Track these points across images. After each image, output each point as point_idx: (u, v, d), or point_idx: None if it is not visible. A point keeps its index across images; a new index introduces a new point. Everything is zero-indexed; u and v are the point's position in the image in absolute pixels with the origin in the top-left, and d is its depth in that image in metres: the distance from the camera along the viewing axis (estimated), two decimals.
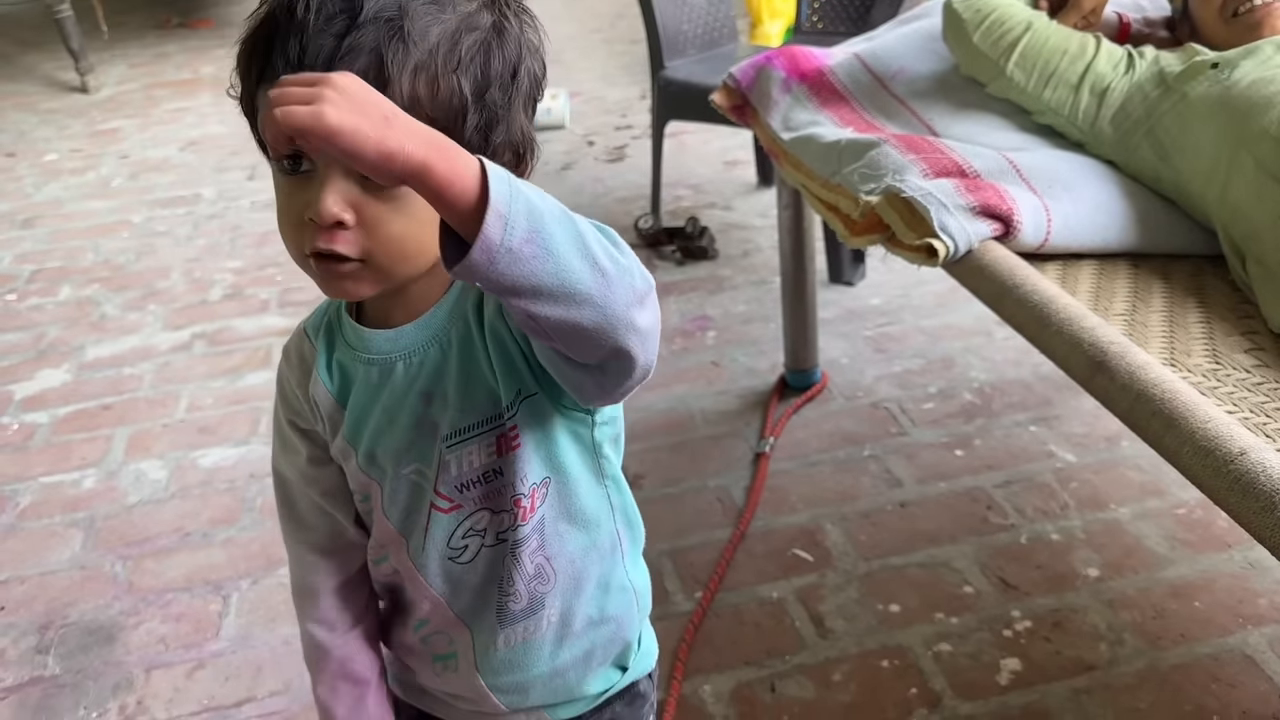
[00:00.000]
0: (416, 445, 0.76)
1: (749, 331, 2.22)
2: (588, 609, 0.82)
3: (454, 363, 0.73)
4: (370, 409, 0.76)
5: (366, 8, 0.62)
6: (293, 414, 0.81)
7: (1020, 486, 1.69)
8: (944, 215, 1.16)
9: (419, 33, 0.63)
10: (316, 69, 0.60)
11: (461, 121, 0.65)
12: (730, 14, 2.64)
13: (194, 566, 1.66)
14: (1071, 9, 1.43)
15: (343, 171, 0.63)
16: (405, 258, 0.67)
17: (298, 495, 0.84)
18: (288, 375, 0.81)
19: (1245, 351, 1.04)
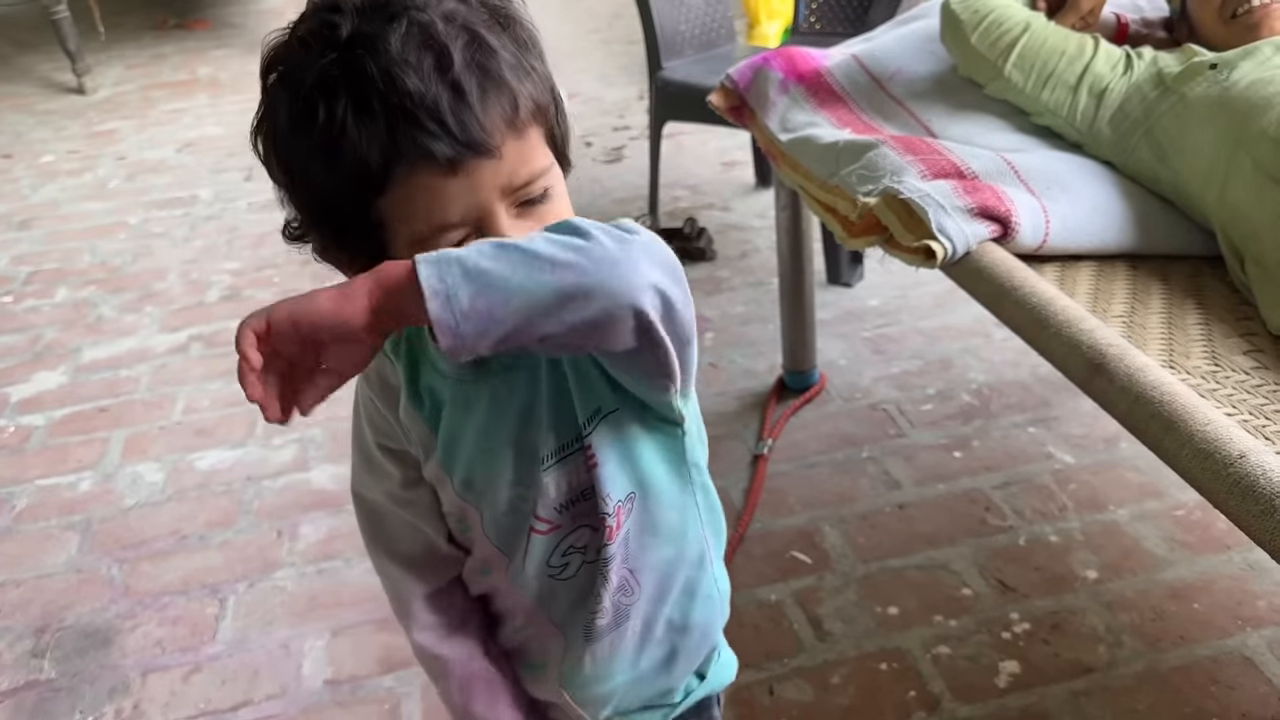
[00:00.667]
0: (515, 469, 0.74)
1: (747, 333, 2.21)
2: (670, 614, 0.82)
3: (544, 383, 0.72)
4: (464, 434, 0.74)
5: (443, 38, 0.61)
6: (382, 436, 0.78)
7: (1019, 488, 1.69)
8: (942, 217, 1.15)
9: (496, 45, 0.63)
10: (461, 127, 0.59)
11: (551, 105, 0.67)
12: (728, 15, 2.64)
13: (191, 569, 1.66)
14: (1070, 9, 1.43)
15: (506, 212, 0.64)
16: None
17: (386, 514, 0.81)
18: (371, 396, 0.78)
19: (1244, 353, 1.03)
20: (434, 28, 0.60)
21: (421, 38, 0.60)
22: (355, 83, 0.59)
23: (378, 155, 0.59)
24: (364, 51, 0.59)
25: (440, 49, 0.60)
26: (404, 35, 0.60)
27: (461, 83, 0.60)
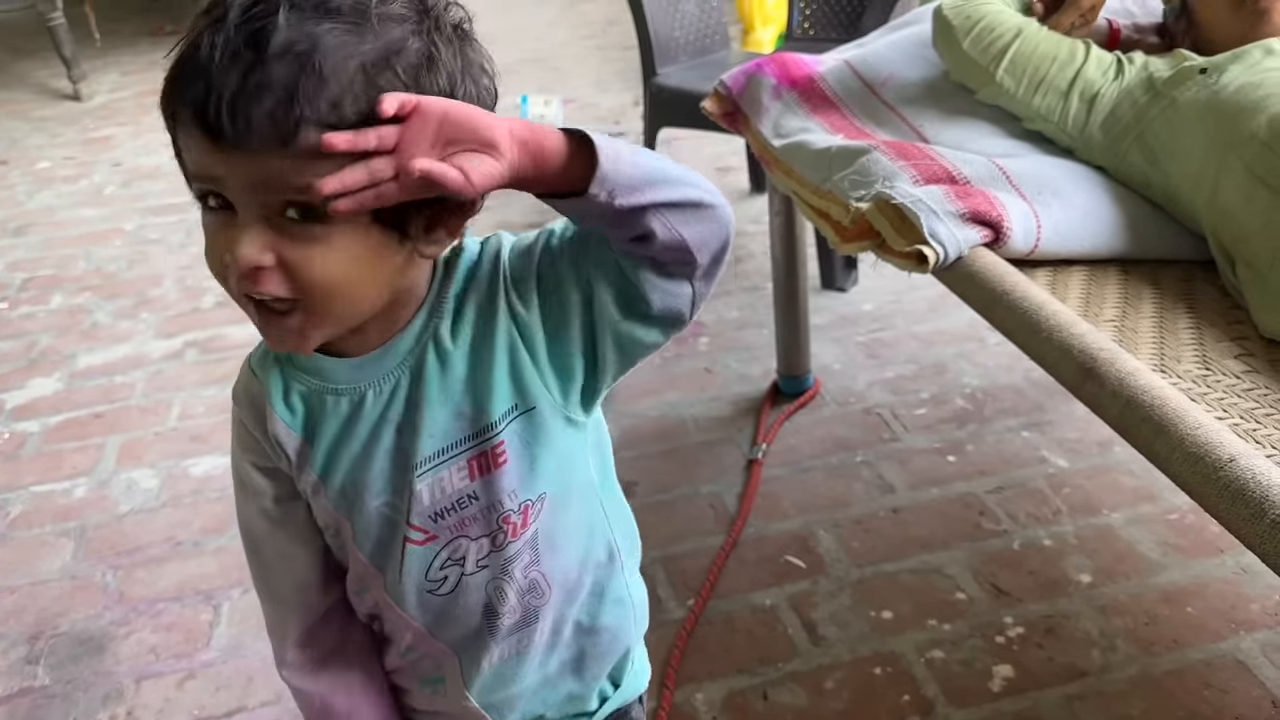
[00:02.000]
0: (387, 476, 0.73)
1: (742, 337, 2.22)
2: (579, 616, 0.82)
3: (430, 386, 0.71)
4: (344, 442, 0.73)
5: (274, 42, 0.57)
6: (252, 455, 0.77)
7: (1013, 492, 1.69)
8: (934, 222, 1.16)
9: (334, 66, 0.57)
10: (221, 108, 0.57)
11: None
12: (722, 21, 2.65)
13: (185, 576, 1.66)
14: (1069, 8, 1.43)
15: (262, 214, 0.60)
16: (339, 297, 0.63)
17: (262, 540, 0.80)
18: (241, 417, 0.76)
19: (1235, 357, 1.04)
20: (275, 22, 0.57)
21: (257, 28, 0.57)
22: (197, 29, 0.60)
23: (172, 88, 0.60)
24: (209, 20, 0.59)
25: (261, 42, 0.57)
26: (248, 14, 0.58)
27: (249, 79, 0.57)
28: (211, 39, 0.58)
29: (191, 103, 0.58)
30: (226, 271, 0.62)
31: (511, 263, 0.71)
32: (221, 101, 0.57)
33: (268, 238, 0.60)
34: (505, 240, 0.73)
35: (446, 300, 0.71)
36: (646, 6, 2.42)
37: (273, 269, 0.61)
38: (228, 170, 0.59)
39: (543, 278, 0.70)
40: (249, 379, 0.76)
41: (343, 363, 0.71)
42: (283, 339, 0.65)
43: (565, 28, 4.74)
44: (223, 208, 0.61)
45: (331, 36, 0.58)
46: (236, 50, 0.57)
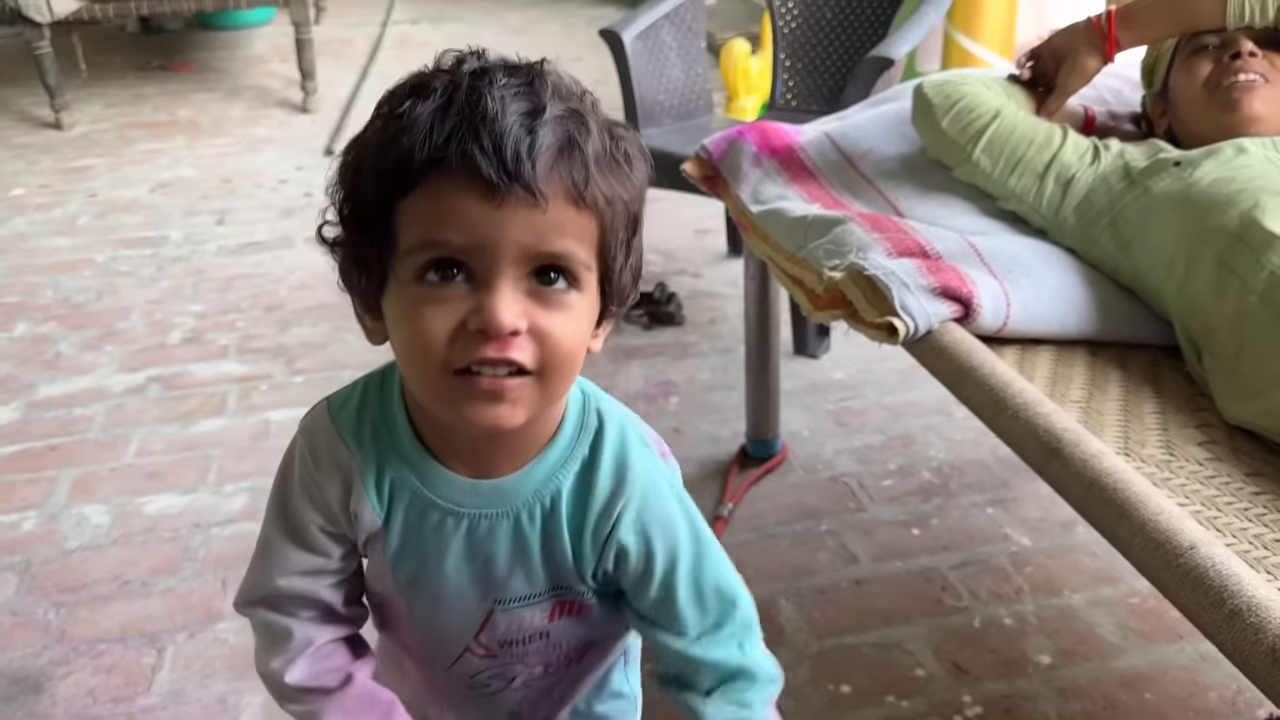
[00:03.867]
0: (466, 595, 0.72)
1: (712, 399, 2.21)
2: (579, 703, 0.85)
3: (532, 542, 0.70)
4: (429, 550, 0.72)
5: (548, 103, 0.59)
6: (321, 519, 0.73)
7: (975, 569, 1.69)
8: (905, 294, 1.16)
9: (594, 129, 0.61)
10: (521, 159, 0.57)
11: (622, 232, 0.64)
12: (707, 87, 2.68)
13: (130, 617, 1.61)
14: (1058, 94, 1.46)
15: (514, 278, 0.60)
16: (570, 369, 0.64)
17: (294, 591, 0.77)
18: (318, 479, 0.72)
19: (1199, 444, 1.04)
20: (543, 93, 0.60)
21: (527, 91, 0.59)
22: (447, 93, 0.59)
23: (425, 152, 0.58)
24: (472, 78, 0.59)
25: (539, 105, 0.59)
26: (514, 83, 0.59)
27: (539, 128, 0.58)
28: (482, 93, 0.58)
29: (474, 150, 0.56)
30: (457, 343, 0.59)
31: (625, 563, 0.72)
32: (520, 150, 0.57)
33: (523, 303, 0.60)
34: (636, 489, 0.72)
35: (577, 461, 0.71)
36: (633, 69, 2.45)
37: (525, 336, 0.60)
38: (501, 228, 0.58)
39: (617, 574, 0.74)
40: (335, 442, 0.71)
41: (458, 482, 0.70)
42: (509, 413, 0.62)
43: None
44: (447, 279, 0.59)
45: (587, 111, 0.62)
46: (514, 102, 0.58)
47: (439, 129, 0.57)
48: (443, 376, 0.60)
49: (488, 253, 0.58)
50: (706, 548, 0.74)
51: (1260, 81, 1.32)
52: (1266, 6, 1.32)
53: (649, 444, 0.73)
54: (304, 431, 0.73)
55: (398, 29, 5.97)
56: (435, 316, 0.59)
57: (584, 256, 0.62)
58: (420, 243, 0.59)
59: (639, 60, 2.47)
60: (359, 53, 5.38)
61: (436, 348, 0.60)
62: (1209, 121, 1.33)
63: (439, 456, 0.69)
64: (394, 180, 0.59)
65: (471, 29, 5.97)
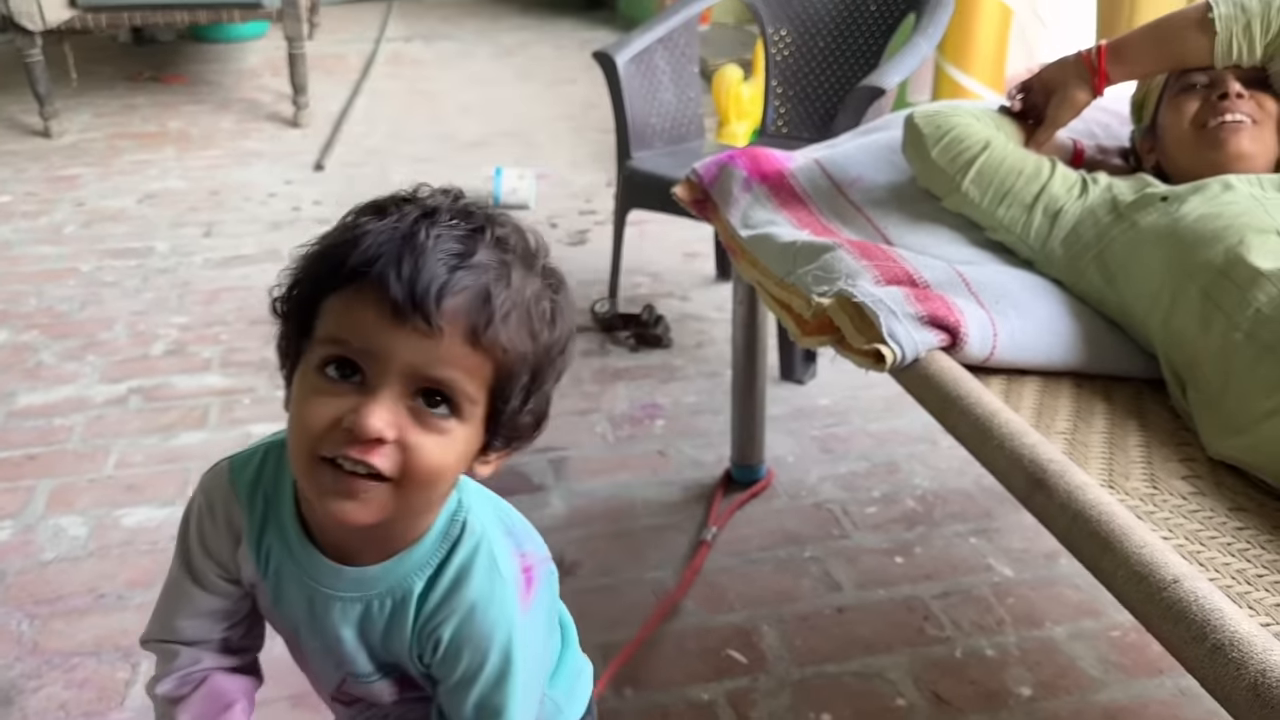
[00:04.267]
0: (324, 660, 0.83)
1: (697, 423, 2.21)
2: None
3: (377, 630, 0.78)
4: (287, 608, 0.80)
5: (481, 252, 0.66)
6: (218, 567, 0.83)
7: (958, 598, 1.68)
8: (892, 322, 1.17)
9: (516, 286, 0.68)
10: (429, 290, 0.64)
11: (520, 378, 0.70)
12: (698, 112, 2.69)
13: (105, 630, 1.59)
14: (1048, 125, 1.47)
15: (399, 392, 0.66)
16: (430, 486, 0.70)
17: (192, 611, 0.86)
18: (212, 532, 0.81)
19: (1182, 478, 1.04)
20: (480, 241, 0.67)
21: (465, 237, 0.67)
22: (395, 219, 0.67)
23: (355, 262, 0.65)
24: (423, 213, 0.67)
25: (469, 251, 0.66)
26: (457, 226, 0.67)
27: (458, 271, 0.65)
28: (421, 228, 0.65)
29: (390, 275, 0.64)
30: (330, 434, 0.66)
31: (436, 655, 0.78)
32: (431, 285, 0.64)
33: (398, 416, 0.66)
34: (474, 611, 0.77)
35: (432, 566, 0.77)
36: (626, 92, 2.46)
37: (391, 445, 0.66)
38: (395, 346, 0.65)
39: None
40: (229, 501, 0.80)
41: (324, 564, 0.77)
42: (357, 510, 0.67)
43: (545, 106, 4.81)
44: (344, 378, 0.66)
45: (516, 269, 0.69)
46: (449, 244, 0.65)
47: (374, 246, 0.65)
48: (309, 460, 0.67)
49: (379, 363, 0.65)
50: (509, 680, 0.78)
51: (1247, 122, 1.33)
52: (1254, 46, 1.33)
53: (499, 567, 0.78)
54: (203, 489, 0.82)
55: (391, 46, 5.99)
56: (321, 405, 0.66)
57: (470, 391, 0.68)
58: (327, 337, 0.67)
59: (632, 83, 2.48)
60: (351, 69, 5.39)
61: (312, 433, 0.66)
62: (1197, 158, 1.34)
63: (315, 535, 0.77)
64: (326, 278, 0.67)
65: (464, 48, 5.99)
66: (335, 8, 6.87)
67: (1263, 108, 1.35)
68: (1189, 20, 1.37)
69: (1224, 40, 1.34)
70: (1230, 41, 1.34)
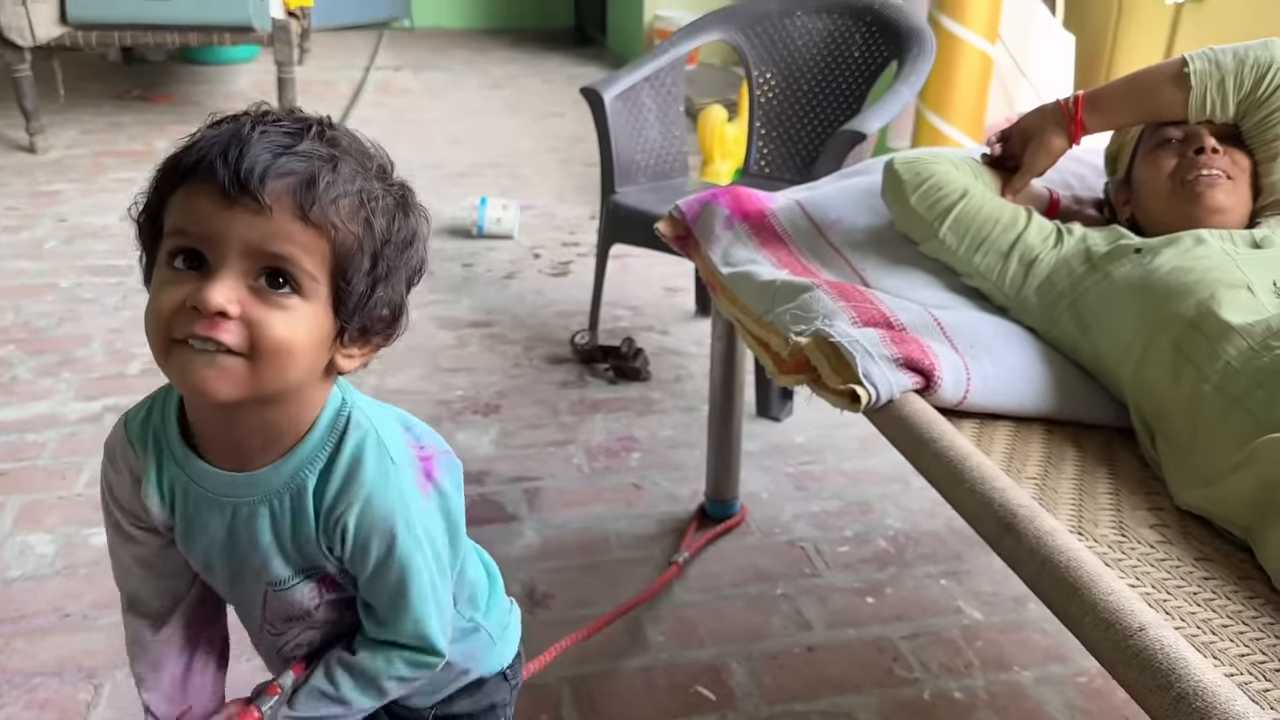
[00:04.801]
0: (245, 578, 0.85)
1: (673, 456, 2.22)
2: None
3: (284, 528, 0.81)
4: (197, 532, 0.83)
5: (306, 143, 0.71)
6: (132, 518, 0.87)
7: (927, 640, 1.69)
8: (868, 363, 1.18)
9: (346, 175, 0.72)
10: (254, 171, 0.68)
11: (359, 261, 0.74)
12: (683, 149, 2.72)
13: (69, 650, 1.57)
14: (1024, 172, 1.50)
15: (240, 271, 0.70)
16: (284, 365, 0.72)
17: (137, 576, 0.91)
18: (117, 481, 0.85)
19: (1150, 526, 1.06)
20: (306, 136, 0.72)
21: (292, 132, 0.72)
22: (229, 125, 0.72)
23: (189, 161, 0.71)
24: (256, 117, 0.73)
25: (294, 145, 0.71)
26: (284, 125, 0.72)
27: (281, 156, 0.70)
28: (249, 126, 0.70)
29: (218, 162, 0.68)
30: (178, 317, 0.69)
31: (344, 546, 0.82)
32: (255, 167, 0.68)
33: (241, 294, 0.70)
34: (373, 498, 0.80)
35: (322, 459, 0.80)
36: (612, 128, 2.48)
37: (235, 321, 0.69)
38: (229, 228, 0.69)
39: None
40: (126, 448, 0.84)
41: (218, 474, 0.80)
42: (214, 379, 0.70)
43: (532, 138, 4.84)
44: (190, 268, 0.70)
45: (346, 162, 0.73)
46: (276, 138, 0.70)
47: (205, 145, 0.71)
48: (164, 346, 0.71)
49: (216, 245, 0.70)
50: (413, 564, 0.83)
51: (1223, 177, 1.36)
52: (1228, 102, 1.37)
53: (390, 454, 0.81)
54: (105, 445, 0.87)
55: (380, 74, 6.02)
56: (168, 293, 0.71)
57: (309, 268, 0.72)
58: (170, 230, 0.72)
59: (618, 119, 2.51)
60: (340, 95, 5.41)
61: (162, 319, 0.71)
62: (1173, 212, 1.37)
63: (205, 454, 0.81)
64: (167, 179, 0.73)
65: (453, 78, 6.03)
66: (326, 34, 6.91)
67: (1237, 163, 1.38)
68: (1165, 74, 1.40)
69: (1199, 95, 1.37)
70: (1205, 96, 1.37)
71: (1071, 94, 1.48)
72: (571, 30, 7.75)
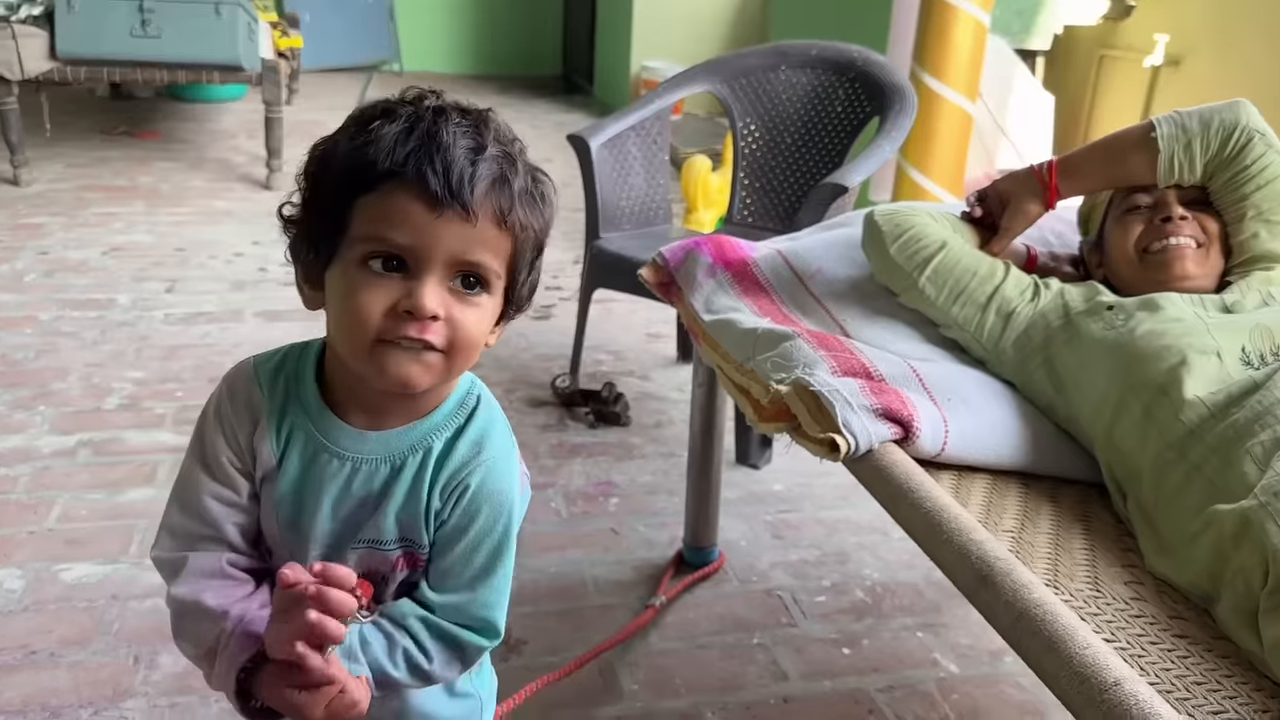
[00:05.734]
0: (336, 534, 0.85)
1: (652, 502, 2.21)
2: (425, 697, 0.93)
3: (401, 488, 0.84)
4: (305, 484, 0.84)
5: (489, 144, 0.76)
6: (231, 454, 0.86)
7: (903, 693, 1.68)
8: (848, 413, 1.19)
9: (521, 173, 0.79)
10: (463, 183, 0.73)
11: (529, 253, 0.81)
12: (667, 197, 2.75)
13: (34, 689, 1.54)
14: (1004, 234, 1.51)
15: (440, 276, 0.76)
16: (472, 355, 0.80)
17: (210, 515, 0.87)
18: (232, 417, 0.85)
19: (1125, 583, 1.06)
20: (487, 135, 0.77)
21: (475, 131, 0.76)
22: (410, 120, 0.75)
23: (388, 163, 0.73)
24: (433, 113, 0.76)
25: (482, 143, 0.76)
26: (464, 123, 0.76)
27: (479, 162, 0.75)
28: (433, 123, 0.74)
29: (427, 170, 0.73)
30: (388, 319, 0.75)
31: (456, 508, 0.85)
32: (463, 175, 0.73)
33: (444, 296, 0.76)
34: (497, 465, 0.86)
35: (451, 428, 0.85)
36: (598, 174, 2.51)
37: (441, 321, 0.76)
38: (437, 236, 0.74)
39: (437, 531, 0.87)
40: (251, 387, 0.85)
41: (350, 432, 0.84)
42: (421, 375, 0.77)
43: None
44: (389, 270, 0.75)
45: (517, 156, 0.79)
46: (464, 139, 0.74)
47: (401, 147, 0.73)
48: (368, 346, 0.76)
49: (424, 253, 0.75)
50: (505, 548, 0.87)
51: (1191, 245, 1.38)
52: (1195, 164, 1.39)
53: (512, 440, 0.88)
54: (226, 378, 0.87)
55: None
56: (374, 297, 0.75)
57: (497, 268, 0.79)
58: (370, 235, 0.75)
59: (604, 166, 2.53)
60: None
61: (372, 321, 0.75)
62: (1142, 279, 1.38)
63: (339, 412, 0.84)
64: (358, 180, 0.74)
65: None
66: (315, 75, 6.95)
67: (1205, 229, 1.40)
68: (1134, 139, 1.43)
69: (1166, 158, 1.39)
70: (1172, 160, 1.39)
71: (1046, 160, 1.50)
72: (559, 78, 7.83)
